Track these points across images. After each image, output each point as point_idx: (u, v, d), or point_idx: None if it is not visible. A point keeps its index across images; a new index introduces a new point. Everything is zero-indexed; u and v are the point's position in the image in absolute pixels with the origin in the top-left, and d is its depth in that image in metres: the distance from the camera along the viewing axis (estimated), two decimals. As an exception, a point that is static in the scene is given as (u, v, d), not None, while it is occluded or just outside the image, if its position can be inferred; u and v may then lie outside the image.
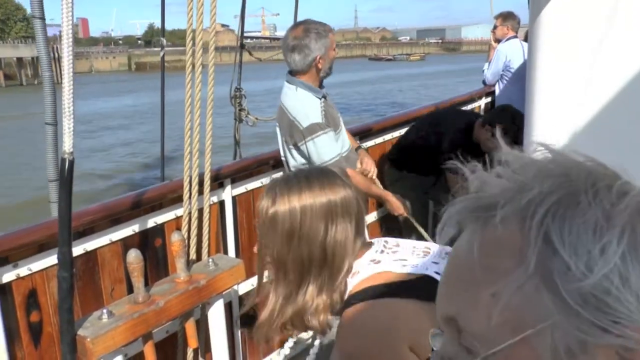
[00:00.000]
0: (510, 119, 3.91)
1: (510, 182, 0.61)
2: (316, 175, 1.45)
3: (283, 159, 3.45)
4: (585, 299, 0.54)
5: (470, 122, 4.17)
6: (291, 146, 3.31)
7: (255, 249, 1.53)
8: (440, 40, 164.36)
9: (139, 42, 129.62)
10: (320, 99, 3.31)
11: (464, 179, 0.65)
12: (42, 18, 3.78)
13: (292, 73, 3.31)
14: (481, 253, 0.60)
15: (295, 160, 3.35)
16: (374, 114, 22.66)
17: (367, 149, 3.83)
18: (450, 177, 4.04)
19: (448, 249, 1.32)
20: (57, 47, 71.85)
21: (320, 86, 3.38)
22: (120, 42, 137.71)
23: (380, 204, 4.53)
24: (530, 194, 0.58)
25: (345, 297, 1.41)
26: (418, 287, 1.32)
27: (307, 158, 3.27)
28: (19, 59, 69.73)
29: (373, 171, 3.64)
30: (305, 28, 3.22)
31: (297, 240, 1.40)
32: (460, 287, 0.63)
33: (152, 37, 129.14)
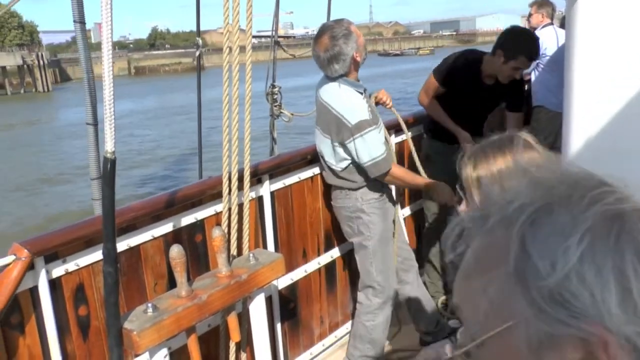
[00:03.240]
0: (518, 38, 3.90)
1: (504, 195, 0.69)
2: (507, 144, 1.66)
3: (320, 154, 3.46)
4: (551, 296, 0.60)
5: (477, 58, 4.10)
6: (336, 143, 3.29)
7: (461, 209, 1.76)
8: (454, 33, 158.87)
9: (148, 45, 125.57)
10: (361, 93, 3.33)
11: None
12: (83, 22, 3.90)
13: None
14: (475, 256, 0.69)
15: (336, 157, 3.35)
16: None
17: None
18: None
19: None
20: (42, 54, 69.37)
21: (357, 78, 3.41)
22: (131, 45, 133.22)
23: (417, 195, 4.49)
24: (514, 205, 0.66)
25: None
26: None
27: (354, 155, 3.24)
28: (3, 68, 66.65)
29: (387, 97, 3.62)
30: (330, 36, 3.22)
31: None
32: (462, 283, 0.72)
33: (155, 39, 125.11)
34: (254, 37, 2.84)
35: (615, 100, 2.13)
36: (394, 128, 4.07)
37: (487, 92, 4.08)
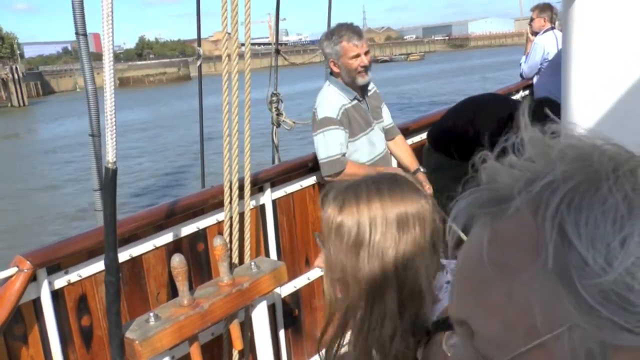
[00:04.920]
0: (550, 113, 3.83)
1: (523, 171, 0.55)
2: (387, 184, 1.32)
3: None
4: (606, 297, 0.49)
5: (512, 112, 3.97)
6: None
7: (318, 263, 1.44)
8: (447, 37, 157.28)
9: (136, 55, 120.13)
10: (351, 100, 3.37)
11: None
12: (85, 34, 3.92)
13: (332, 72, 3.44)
14: (491, 249, 0.54)
15: None
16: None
17: (425, 172, 3.73)
18: None
19: None
20: (16, 68, 66.33)
21: (363, 88, 3.43)
22: (122, 55, 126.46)
23: None
24: (543, 182, 0.52)
25: (430, 324, 1.26)
26: None
27: (315, 149, 3.37)
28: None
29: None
30: (327, 32, 3.40)
31: (366, 253, 1.27)
32: (470, 288, 0.57)
33: (142, 49, 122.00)
34: (243, 44, 2.87)
35: (612, 102, 2.13)
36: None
37: None
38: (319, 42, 3.46)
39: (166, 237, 2.83)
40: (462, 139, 4.10)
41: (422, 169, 3.73)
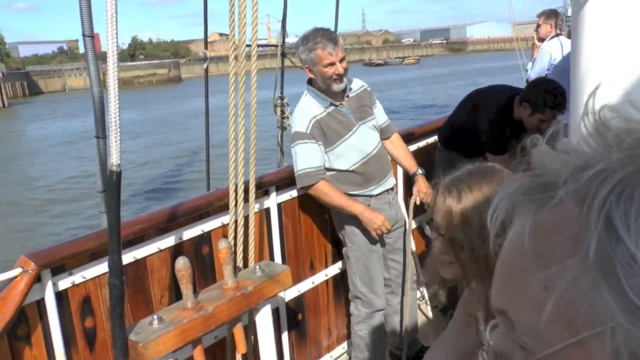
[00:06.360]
0: (544, 91, 3.77)
1: (574, 156, 0.51)
2: (490, 173, 1.46)
3: None
4: None
5: (511, 99, 3.98)
6: None
7: (438, 250, 1.49)
8: (444, 41, 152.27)
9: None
10: (326, 107, 3.31)
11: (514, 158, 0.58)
12: (92, 36, 3.93)
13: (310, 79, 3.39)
14: (532, 238, 0.51)
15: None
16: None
17: (424, 174, 3.70)
18: (491, 158, 3.85)
19: None
20: None
21: (343, 90, 3.35)
22: (117, 56, 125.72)
23: (421, 209, 4.38)
24: (593, 170, 0.48)
25: None
26: None
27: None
28: None
29: (429, 199, 3.61)
30: (303, 36, 3.31)
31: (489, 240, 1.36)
32: (510, 277, 0.55)
33: (135, 50, 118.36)
34: (248, 46, 2.85)
35: (622, 105, 2.11)
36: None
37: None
38: (296, 46, 3.37)
39: (171, 240, 2.83)
40: (466, 133, 4.09)
41: (419, 172, 3.68)
